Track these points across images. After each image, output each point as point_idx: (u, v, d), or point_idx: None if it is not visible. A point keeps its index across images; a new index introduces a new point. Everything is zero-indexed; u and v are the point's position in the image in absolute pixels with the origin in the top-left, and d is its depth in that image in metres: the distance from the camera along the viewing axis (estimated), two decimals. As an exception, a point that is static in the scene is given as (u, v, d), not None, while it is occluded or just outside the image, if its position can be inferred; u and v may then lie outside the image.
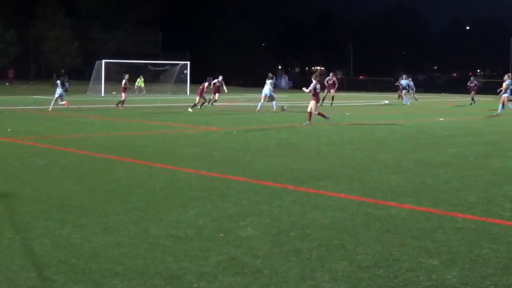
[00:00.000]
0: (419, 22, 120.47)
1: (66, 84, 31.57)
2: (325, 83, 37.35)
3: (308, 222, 7.78)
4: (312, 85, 22.55)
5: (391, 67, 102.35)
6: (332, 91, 37.40)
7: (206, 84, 32.66)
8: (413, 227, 7.62)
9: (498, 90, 34.67)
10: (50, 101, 30.97)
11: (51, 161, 12.82)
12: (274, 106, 30.36)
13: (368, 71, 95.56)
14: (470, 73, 35.53)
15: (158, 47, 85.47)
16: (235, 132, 19.59)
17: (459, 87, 62.44)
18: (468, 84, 42.47)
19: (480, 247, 6.78)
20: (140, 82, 52.01)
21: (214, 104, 35.01)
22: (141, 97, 47.81)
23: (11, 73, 73.97)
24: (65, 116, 26.46)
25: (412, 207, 8.74)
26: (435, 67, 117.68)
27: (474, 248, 6.73)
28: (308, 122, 22.39)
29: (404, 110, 34.31)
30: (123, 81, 34.44)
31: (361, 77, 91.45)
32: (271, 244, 6.80)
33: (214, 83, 34.92)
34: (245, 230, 7.37)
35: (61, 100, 30.85)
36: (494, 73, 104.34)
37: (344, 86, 70.98)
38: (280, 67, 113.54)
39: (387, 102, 42.34)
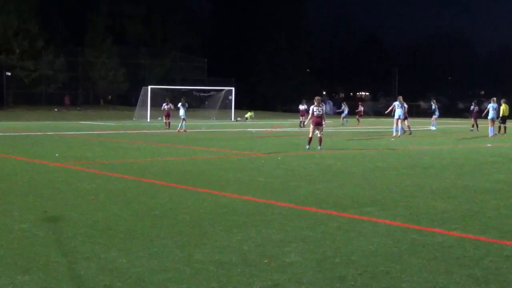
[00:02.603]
0: (465, 47, 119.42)
1: (186, 105, 36.66)
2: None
3: (353, 249, 7.71)
4: (310, 108, 23.64)
5: (436, 92, 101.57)
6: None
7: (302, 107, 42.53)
8: (460, 254, 7.48)
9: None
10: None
11: (98, 185, 12.97)
12: (400, 130, 31.98)
13: (413, 96, 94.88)
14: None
15: (203, 73, 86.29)
16: (279, 158, 19.58)
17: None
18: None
19: (530, 275, 6.62)
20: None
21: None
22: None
23: (67, 99, 75.86)
24: (111, 142, 26.81)
25: (459, 234, 8.59)
26: (482, 92, 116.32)
27: (523, 276, 6.58)
28: (308, 146, 22.97)
29: (449, 136, 33.90)
30: (170, 105, 38.60)
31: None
32: (315, 270, 6.75)
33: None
34: (290, 256, 7.34)
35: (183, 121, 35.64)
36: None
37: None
38: (324, 93, 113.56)
39: (434, 128, 41.88)
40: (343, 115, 52.18)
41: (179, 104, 36.50)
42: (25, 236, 8.24)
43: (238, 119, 54.20)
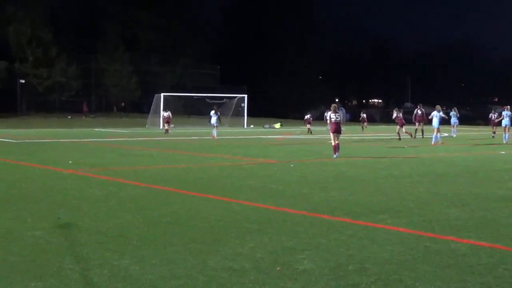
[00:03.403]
0: (478, 54, 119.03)
1: (218, 113, 37.93)
2: (413, 117, 39.37)
3: (367, 256, 7.67)
4: (328, 115, 23.66)
5: (449, 99, 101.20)
6: (422, 123, 37.96)
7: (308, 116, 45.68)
8: (474, 262, 7.43)
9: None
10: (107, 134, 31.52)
11: (110, 192, 13.01)
12: (438, 139, 31.86)
13: (426, 103, 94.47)
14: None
15: (216, 81, 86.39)
16: (292, 165, 19.56)
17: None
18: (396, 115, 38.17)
19: (545, 284, 6.56)
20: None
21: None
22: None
23: (85, 106, 76.37)
24: (124, 149, 26.88)
25: (472, 242, 8.54)
26: (496, 99, 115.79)
27: (538, 285, 6.52)
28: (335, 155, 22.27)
29: (464, 143, 33.77)
30: (169, 112, 42.24)
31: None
32: (328, 278, 6.72)
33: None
34: (302, 263, 7.31)
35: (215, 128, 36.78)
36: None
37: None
38: (337, 100, 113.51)
39: (446, 134, 41.73)
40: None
41: (212, 112, 37.64)
42: (38, 242, 8.26)
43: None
